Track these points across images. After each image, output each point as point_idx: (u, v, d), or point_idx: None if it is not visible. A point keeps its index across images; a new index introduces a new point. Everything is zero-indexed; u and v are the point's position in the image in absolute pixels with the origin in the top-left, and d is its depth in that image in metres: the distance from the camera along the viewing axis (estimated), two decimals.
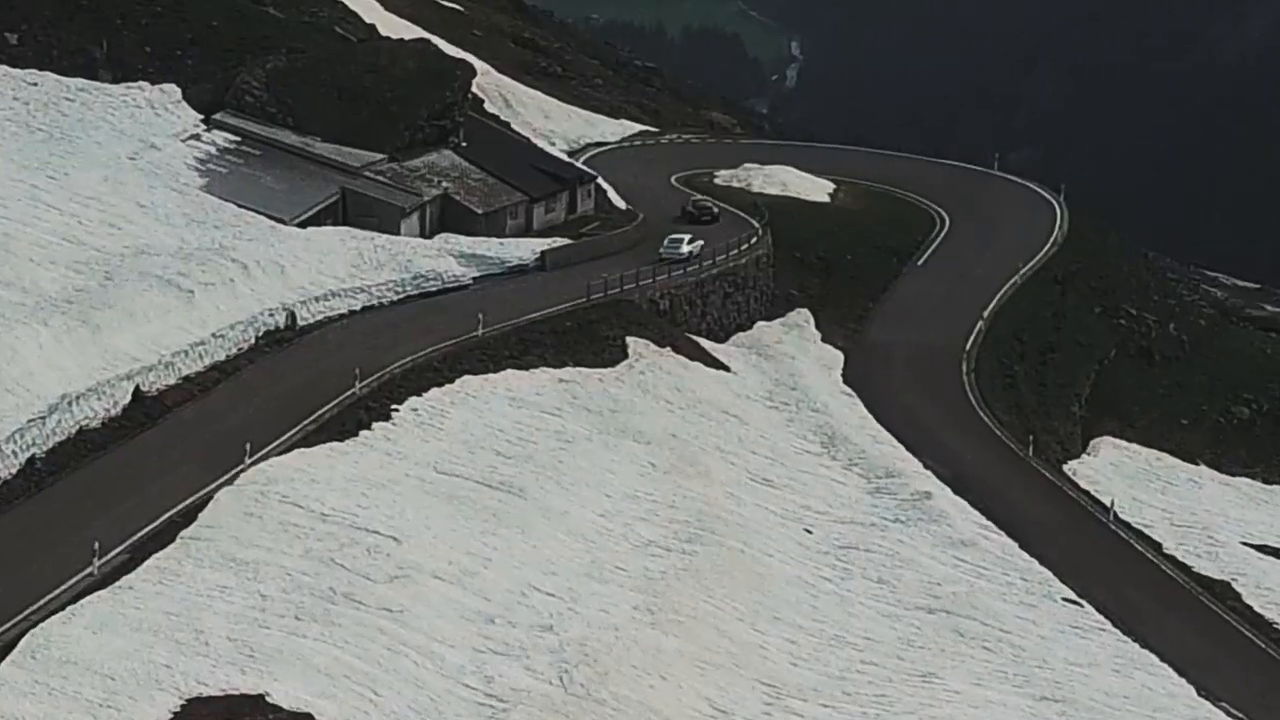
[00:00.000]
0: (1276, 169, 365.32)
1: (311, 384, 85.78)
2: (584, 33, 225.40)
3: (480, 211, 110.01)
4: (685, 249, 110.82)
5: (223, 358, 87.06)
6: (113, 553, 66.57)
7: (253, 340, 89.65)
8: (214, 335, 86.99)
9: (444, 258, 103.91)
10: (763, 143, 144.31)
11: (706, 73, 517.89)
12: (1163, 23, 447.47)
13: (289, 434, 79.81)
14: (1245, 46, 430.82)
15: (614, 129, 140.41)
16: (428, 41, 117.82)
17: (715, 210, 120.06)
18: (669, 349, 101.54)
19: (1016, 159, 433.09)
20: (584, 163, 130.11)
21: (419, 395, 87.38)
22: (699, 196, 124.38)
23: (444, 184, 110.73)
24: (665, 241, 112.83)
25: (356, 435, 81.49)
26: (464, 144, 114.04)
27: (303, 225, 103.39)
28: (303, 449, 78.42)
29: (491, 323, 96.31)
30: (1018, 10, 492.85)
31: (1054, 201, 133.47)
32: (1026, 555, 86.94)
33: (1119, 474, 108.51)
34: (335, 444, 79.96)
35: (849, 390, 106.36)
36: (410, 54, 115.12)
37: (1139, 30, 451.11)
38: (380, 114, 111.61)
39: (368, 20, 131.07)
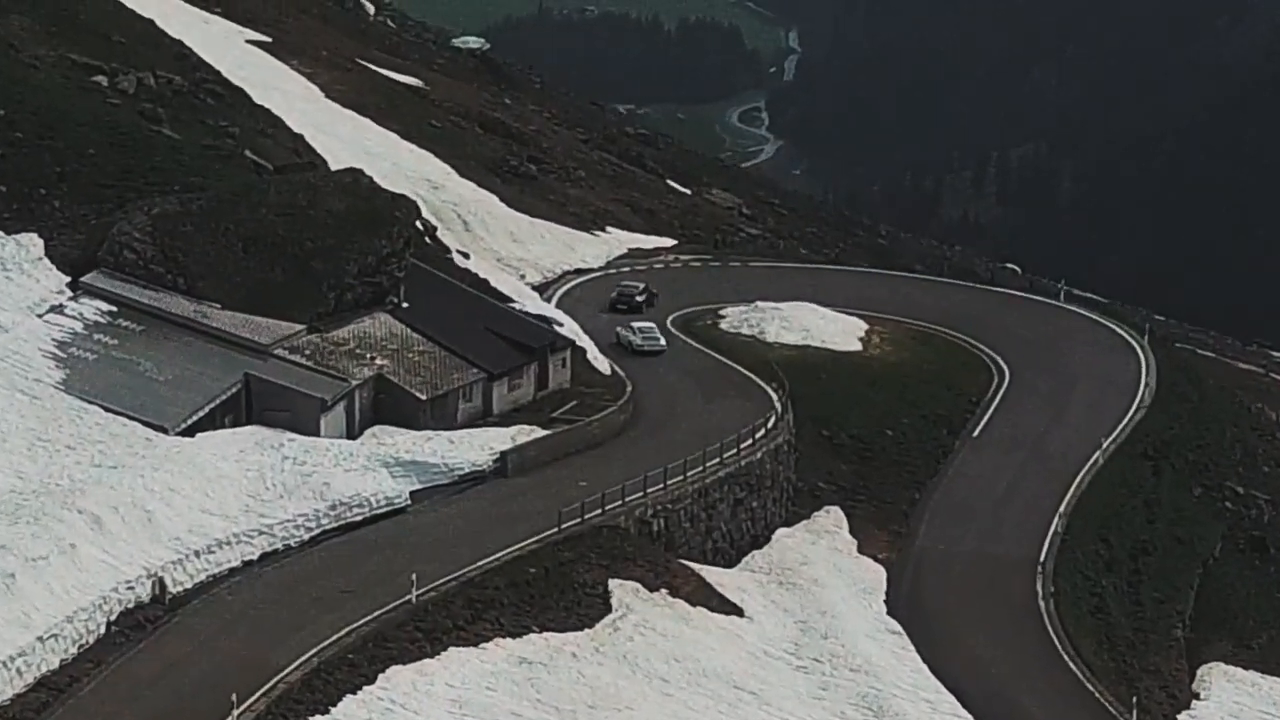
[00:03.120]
0: None
1: (170, 711, 62.30)
2: (563, 90, 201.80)
3: (424, 397, 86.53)
4: (664, 340, 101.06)
5: (56, 665, 63.77)
6: None
7: (102, 629, 66.29)
8: (42, 638, 63.55)
9: (374, 471, 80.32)
10: (777, 266, 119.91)
11: (705, 69, 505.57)
12: (1165, 18, 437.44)
13: None
14: (1250, 42, 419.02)
15: (596, 250, 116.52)
16: (359, 173, 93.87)
17: (641, 298, 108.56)
18: (663, 592, 78.19)
19: (1019, 155, 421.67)
20: (559, 302, 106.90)
21: (323, 714, 64.00)
22: (627, 282, 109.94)
23: (378, 361, 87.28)
24: (637, 334, 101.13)
25: None
26: (405, 304, 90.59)
27: (190, 432, 79.90)
28: None
29: (431, 577, 72.79)
30: (1019, 3, 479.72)
31: (1135, 343, 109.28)
32: None
33: None
34: None
35: (896, 628, 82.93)
36: (337, 190, 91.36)
37: (1141, 24, 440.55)
38: (298, 271, 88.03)
39: (296, 128, 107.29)
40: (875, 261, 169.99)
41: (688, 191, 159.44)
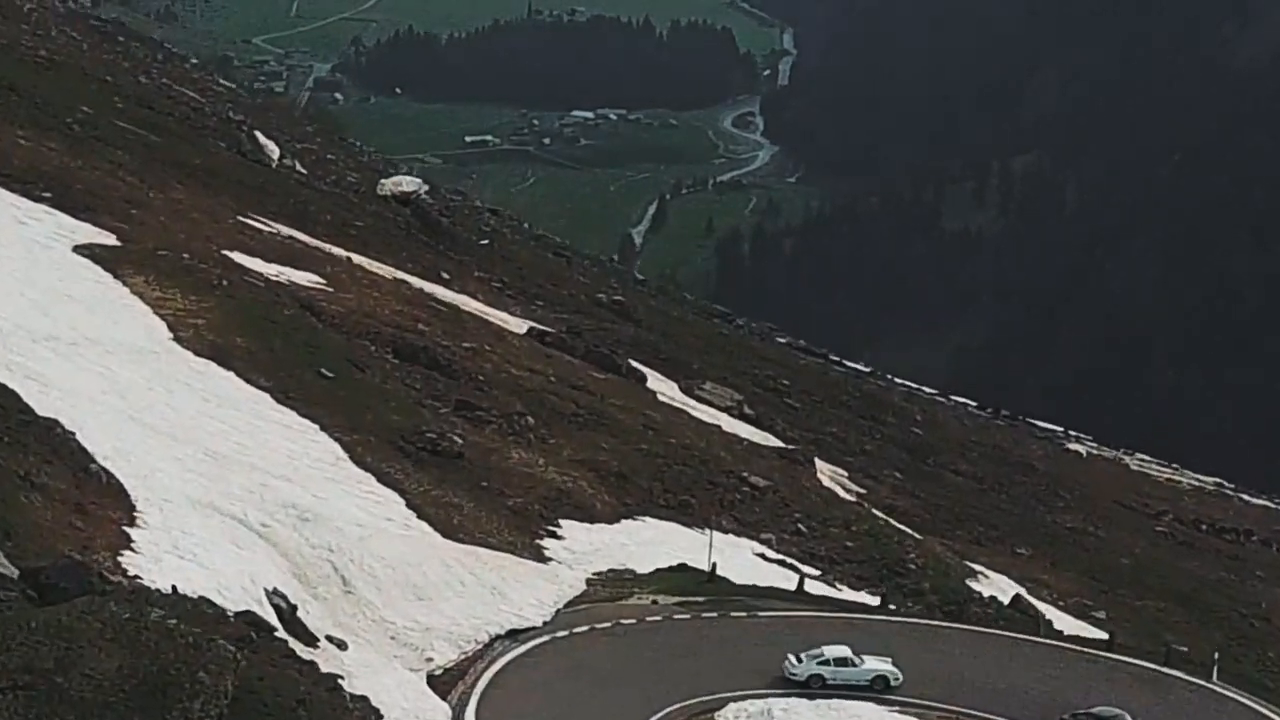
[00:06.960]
0: None
1: None
2: (516, 234, 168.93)
3: None
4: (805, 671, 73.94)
5: None
6: None
7: None
8: None
9: None
10: (792, 614, 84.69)
11: (697, 73, 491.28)
12: (1170, 23, 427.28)
13: None
14: (1258, 48, 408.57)
15: (539, 594, 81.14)
16: (144, 601, 59.36)
17: None
18: None
19: (1021, 164, 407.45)
20: (479, 705, 72.95)
21: None
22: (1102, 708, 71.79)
23: None
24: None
25: None
26: None
27: None
28: None
29: None
30: (1021, 7, 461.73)
31: None
32: None
33: None
34: None
35: None
36: (107, 636, 57.11)
37: (1145, 30, 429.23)
38: None
39: (96, 446, 72.92)
40: (912, 461, 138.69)
41: (675, 397, 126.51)
